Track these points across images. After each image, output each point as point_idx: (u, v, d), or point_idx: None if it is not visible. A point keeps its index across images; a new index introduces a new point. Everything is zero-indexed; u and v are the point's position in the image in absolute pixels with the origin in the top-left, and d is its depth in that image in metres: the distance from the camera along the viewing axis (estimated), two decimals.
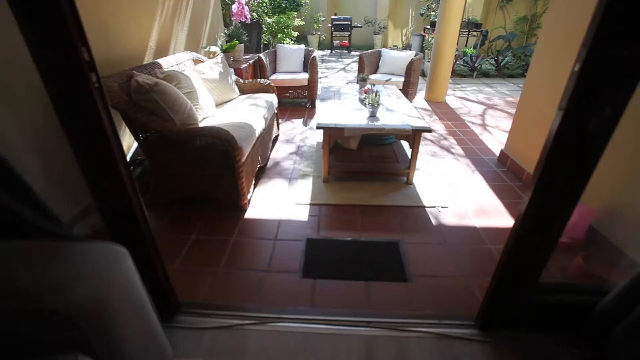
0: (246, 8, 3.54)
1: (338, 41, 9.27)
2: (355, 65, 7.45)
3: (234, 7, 3.51)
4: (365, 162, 2.66)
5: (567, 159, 0.98)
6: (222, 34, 4.04)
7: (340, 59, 8.58)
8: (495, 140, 3.50)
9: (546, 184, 1.03)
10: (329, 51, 9.56)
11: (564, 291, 1.36)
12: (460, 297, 1.61)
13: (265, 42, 6.31)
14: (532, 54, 7.02)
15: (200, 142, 2.06)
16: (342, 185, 2.56)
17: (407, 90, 4.15)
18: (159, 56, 2.95)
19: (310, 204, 2.34)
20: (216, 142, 2.00)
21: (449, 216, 2.24)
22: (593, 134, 0.92)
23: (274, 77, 4.29)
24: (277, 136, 3.45)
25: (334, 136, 2.39)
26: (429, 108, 4.60)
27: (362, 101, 2.86)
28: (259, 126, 2.51)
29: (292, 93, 4.34)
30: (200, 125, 2.42)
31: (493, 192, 2.53)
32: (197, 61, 3.11)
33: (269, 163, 2.93)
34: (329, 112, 2.62)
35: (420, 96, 5.13)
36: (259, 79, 3.25)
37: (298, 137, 3.51)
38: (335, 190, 2.50)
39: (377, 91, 2.46)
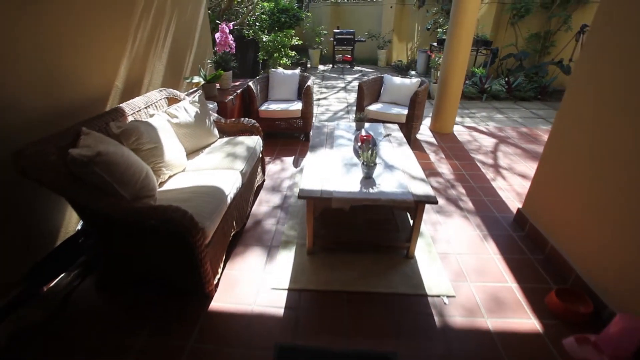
0: (230, 37, 3.18)
1: (340, 55, 8.91)
2: (357, 84, 7.09)
3: (217, 35, 3.16)
4: (359, 229, 2.27)
5: None
6: (209, 61, 3.68)
7: (341, 75, 8.21)
8: (511, 190, 3.09)
9: None
10: (331, 65, 9.21)
11: None
12: None
13: (262, 59, 5.96)
14: (547, 75, 6.59)
15: (154, 221, 1.69)
16: (329, 258, 2.17)
17: (411, 124, 3.76)
18: (128, 97, 2.60)
19: (288, 289, 1.95)
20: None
21: (456, 310, 1.84)
22: None
23: (264, 107, 3.92)
24: (262, 182, 3.08)
25: (319, 205, 2.01)
26: (435, 142, 4.20)
27: (357, 152, 2.48)
28: (233, 188, 2.13)
29: (284, 124, 3.97)
30: (162, 189, 2.06)
31: (509, 271, 2.13)
32: (172, 100, 2.75)
33: (249, 222, 2.56)
34: (316, 171, 2.23)
35: (426, 123, 4.73)
36: (242, 119, 2.88)
37: (286, 182, 3.13)
38: (320, 266, 2.11)
39: (373, 149, 2.08)
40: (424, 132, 4.49)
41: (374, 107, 3.98)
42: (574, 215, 2.07)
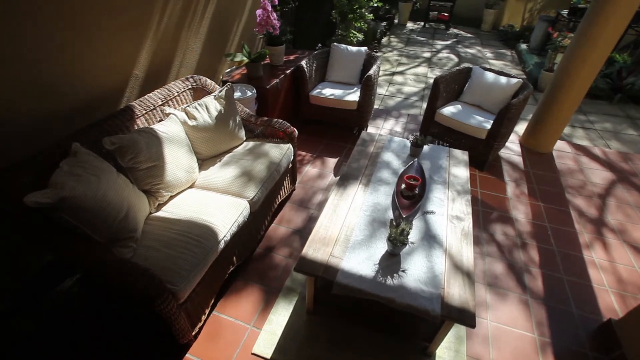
0: (274, 15, 2.59)
1: (436, 12, 7.42)
2: (447, 59, 5.89)
3: (259, 13, 2.60)
4: (370, 303, 1.83)
5: None
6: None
7: (431, 40, 6.90)
8: (610, 271, 2.25)
9: None
10: (422, 24, 7.79)
11: None
12: None
13: (335, 19, 5.12)
14: None
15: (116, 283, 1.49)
16: (328, 326, 1.82)
17: (492, 143, 2.91)
18: (152, 85, 2.35)
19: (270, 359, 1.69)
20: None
21: None
22: None
23: (317, 90, 3.39)
24: (292, 192, 2.72)
25: (324, 281, 1.60)
26: (521, 165, 3.26)
27: (395, 202, 1.93)
28: (234, 226, 1.83)
29: (337, 113, 3.41)
30: (155, 215, 1.84)
31: None
32: (199, 91, 2.42)
33: (261, 245, 2.28)
34: (331, 226, 1.78)
35: (518, 130, 3.70)
36: (275, 121, 2.45)
37: (318, 196, 2.72)
38: (316, 334, 1.78)
39: (405, 228, 1.52)
40: (511, 146, 3.52)
41: (448, 110, 3.16)
42: None
